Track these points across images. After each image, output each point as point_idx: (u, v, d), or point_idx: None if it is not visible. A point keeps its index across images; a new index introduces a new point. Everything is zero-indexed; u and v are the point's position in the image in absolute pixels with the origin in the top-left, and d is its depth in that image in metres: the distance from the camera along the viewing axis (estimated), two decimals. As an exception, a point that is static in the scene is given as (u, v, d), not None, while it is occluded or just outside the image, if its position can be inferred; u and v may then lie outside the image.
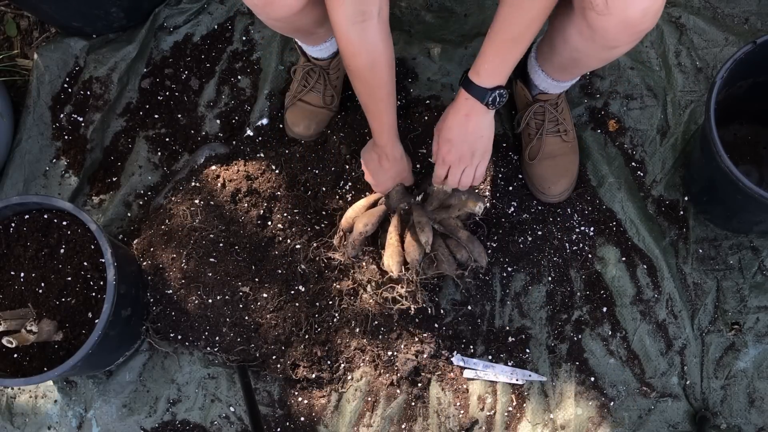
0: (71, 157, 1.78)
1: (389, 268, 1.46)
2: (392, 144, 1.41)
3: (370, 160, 1.46)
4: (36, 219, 1.53)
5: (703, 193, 1.61)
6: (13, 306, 1.49)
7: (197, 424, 1.62)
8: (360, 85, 1.27)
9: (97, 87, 1.81)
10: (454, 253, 1.50)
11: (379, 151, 1.43)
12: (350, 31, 1.15)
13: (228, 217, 1.65)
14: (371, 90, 1.26)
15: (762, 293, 1.60)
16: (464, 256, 1.49)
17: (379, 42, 1.20)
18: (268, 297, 1.61)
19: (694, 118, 1.70)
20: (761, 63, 1.42)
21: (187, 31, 1.86)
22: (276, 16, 1.25)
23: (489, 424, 1.58)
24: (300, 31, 1.43)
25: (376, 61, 1.21)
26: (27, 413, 1.65)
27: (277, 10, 1.23)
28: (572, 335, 1.60)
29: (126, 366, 1.65)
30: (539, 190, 1.64)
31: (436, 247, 1.48)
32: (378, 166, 1.46)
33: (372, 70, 1.22)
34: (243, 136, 1.75)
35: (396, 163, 1.45)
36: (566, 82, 1.53)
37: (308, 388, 1.61)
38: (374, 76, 1.23)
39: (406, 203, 1.52)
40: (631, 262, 1.63)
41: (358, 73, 1.24)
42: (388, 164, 1.45)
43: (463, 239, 1.50)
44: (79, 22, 1.81)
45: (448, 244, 1.50)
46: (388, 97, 1.30)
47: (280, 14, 1.24)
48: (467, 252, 1.49)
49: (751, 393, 1.56)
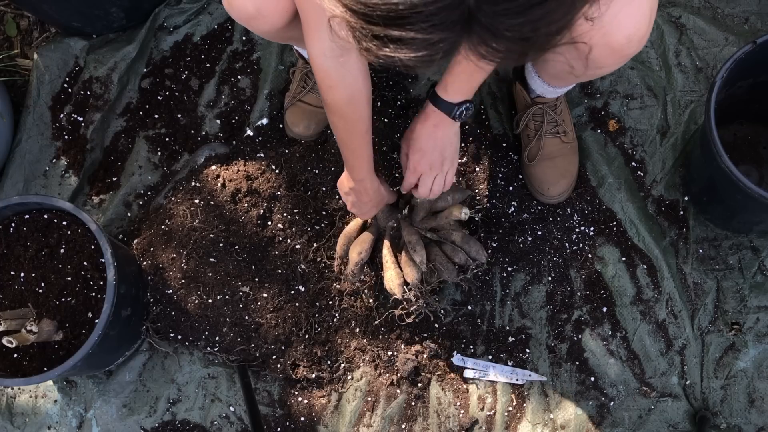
0: (71, 157, 1.78)
1: (392, 291, 1.48)
2: (370, 178, 1.36)
3: (349, 194, 1.41)
4: (36, 219, 1.53)
5: (703, 193, 1.61)
6: (13, 306, 1.49)
7: (197, 424, 1.62)
8: (338, 120, 1.22)
9: (97, 87, 1.81)
10: (451, 257, 1.49)
11: (358, 186, 1.37)
12: (327, 63, 1.11)
13: (228, 217, 1.65)
14: (350, 125, 1.22)
15: (762, 293, 1.60)
16: (462, 258, 1.49)
17: (358, 75, 1.16)
18: (268, 297, 1.61)
19: (694, 118, 1.70)
20: (761, 63, 1.42)
21: (187, 31, 1.86)
22: (262, 30, 1.24)
23: (489, 424, 1.58)
24: (293, 40, 1.42)
25: (354, 95, 1.18)
26: (27, 413, 1.65)
27: (261, 26, 1.21)
28: (572, 335, 1.60)
29: (126, 366, 1.65)
30: (538, 191, 1.64)
31: (433, 257, 1.48)
32: (357, 201, 1.41)
33: (351, 104, 1.18)
34: (243, 136, 1.75)
35: (375, 194, 1.41)
36: (562, 89, 1.54)
37: (308, 388, 1.61)
38: (353, 110, 1.20)
39: (393, 220, 1.52)
40: (631, 262, 1.63)
41: (336, 107, 1.19)
42: (367, 197, 1.40)
43: (458, 241, 1.50)
44: (79, 22, 1.81)
45: (445, 250, 1.50)
46: (367, 131, 1.26)
47: (266, 29, 1.22)
48: (464, 253, 1.49)
49: (751, 393, 1.56)
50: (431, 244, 1.51)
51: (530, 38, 0.59)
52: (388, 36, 0.56)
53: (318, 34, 1.08)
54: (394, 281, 1.47)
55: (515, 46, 0.59)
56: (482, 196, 1.66)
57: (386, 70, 1.73)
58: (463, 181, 1.66)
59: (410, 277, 1.45)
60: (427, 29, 0.55)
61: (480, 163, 1.67)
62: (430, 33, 0.56)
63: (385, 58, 0.59)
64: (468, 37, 0.58)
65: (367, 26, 0.57)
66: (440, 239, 1.51)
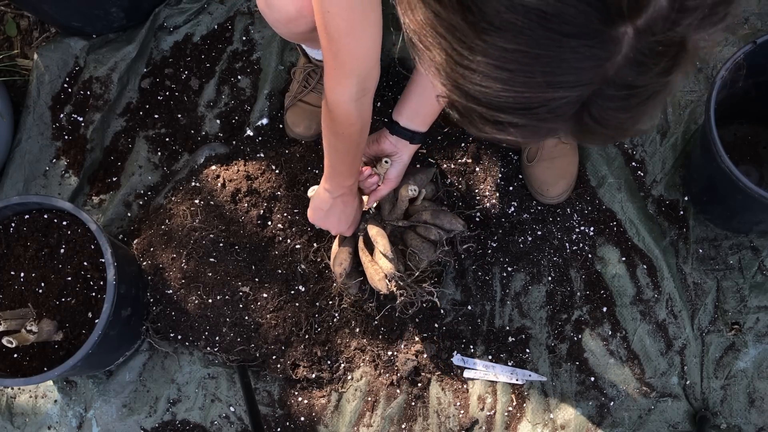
0: (71, 157, 1.78)
1: (377, 288, 1.46)
2: (355, 182, 1.40)
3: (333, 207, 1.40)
4: (36, 219, 1.53)
5: (703, 193, 1.61)
6: (13, 306, 1.49)
7: (197, 424, 1.62)
8: (343, 143, 1.27)
9: (97, 87, 1.81)
10: (426, 237, 1.48)
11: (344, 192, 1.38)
12: (351, 106, 1.16)
13: (228, 217, 1.65)
14: (354, 146, 1.28)
15: (762, 293, 1.60)
16: (436, 234, 1.47)
17: (370, 110, 1.23)
18: (268, 297, 1.61)
19: (694, 118, 1.69)
20: (761, 63, 1.42)
21: (187, 31, 1.86)
22: (297, 31, 1.27)
23: (489, 424, 1.58)
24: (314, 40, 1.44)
25: (365, 125, 1.24)
26: (27, 413, 1.65)
27: (300, 26, 1.24)
28: (572, 335, 1.60)
29: (126, 366, 1.65)
30: (538, 192, 1.64)
31: (409, 242, 1.48)
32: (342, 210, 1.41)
33: (361, 133, 1.25)
34: (243, 136, 1.75)
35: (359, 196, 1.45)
36: None
37: (308, 388, 1.61)
38: (362, 136, 1.26)
39: (362, 223, 1.51)
40: (631, 262, 1.63)
41: (348, 136, 1.24)
42: (352, 200, 1.41)
43: (429, 219, 1.49)
44: (79, 22, 1.81)
45: (419, 231, 1.49)
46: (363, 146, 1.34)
47: (302, 30, 1.25)
48: (437, 228, 1.47)
49: (751, 393, 1.56)
50: (407, 230, 1.50)
51: (626, 130, 0.64)
52: (511, 123, 0.59)
53: (349, 80, 1.12)
54: (374, 278, 1.45)
55: (612, 133, 0.64)
56: (482, 196, 1.66)
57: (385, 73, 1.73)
58: (464, 181, 1.66)
59: (385, 269, 1.43)
60: (546, 118, 0.58)
61: (480, 163, 1.68)
62: (547, 122, 0.59)
63: (494, 135, 0.62)
64: (574, 123, 0.61)
65: (492, 113, 0.59)
66: (413, 223, 1.50)
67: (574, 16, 0.52)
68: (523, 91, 0.56)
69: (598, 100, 0.58)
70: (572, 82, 0.56)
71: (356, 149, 1.29)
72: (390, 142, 1.40)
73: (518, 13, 0.52)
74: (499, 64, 0.55)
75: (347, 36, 1.03)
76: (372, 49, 1.08)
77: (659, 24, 0.53)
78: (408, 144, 1.41)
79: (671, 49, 0.56)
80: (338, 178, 1.35)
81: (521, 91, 0.56)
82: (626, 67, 0.56)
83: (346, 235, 1.50)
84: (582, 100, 0.58)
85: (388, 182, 1.43)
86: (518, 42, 0.53)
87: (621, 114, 0.61)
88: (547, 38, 0.53)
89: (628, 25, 0.53)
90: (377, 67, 1.14)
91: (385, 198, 1.50)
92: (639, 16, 0.52)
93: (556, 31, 0.52)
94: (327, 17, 1.01)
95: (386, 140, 1.41)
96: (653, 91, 0.60)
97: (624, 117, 0.61)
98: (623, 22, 0.53)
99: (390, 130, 1.40)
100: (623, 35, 0.53)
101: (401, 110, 1.38)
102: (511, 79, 0.56)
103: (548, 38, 0.53)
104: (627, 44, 0.54)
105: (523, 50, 0.54)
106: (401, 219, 1.51)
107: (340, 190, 1.36)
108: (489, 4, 0.53)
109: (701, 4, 0.53)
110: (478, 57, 0.56)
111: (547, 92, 0.56)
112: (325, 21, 1.01)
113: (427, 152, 1.67)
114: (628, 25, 0.53)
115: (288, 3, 1.21)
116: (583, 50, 0.54)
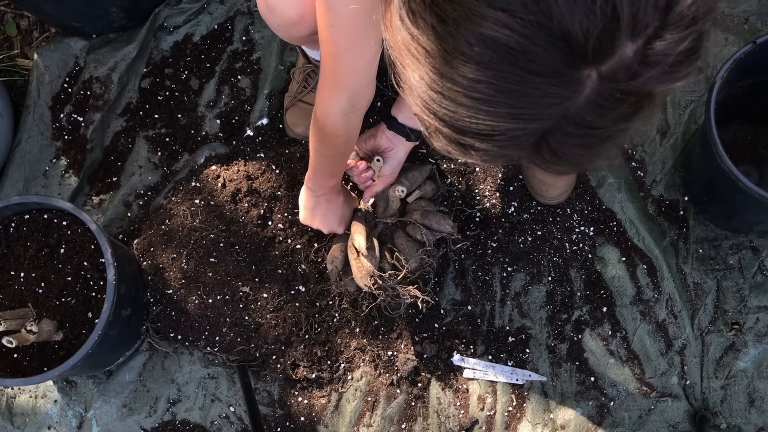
0: (71, 157, 1.78)
1: (364, 286, 1.44)
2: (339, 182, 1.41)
3: (317, 205, 1.42)
4: (36, 219, 1.53)
5: (703, 193, 1.61)
6: (13, 306, 1.49)
7: (197, 424, 1.62)
8: (329, 150, 1.29)
9: (97, 87, 1.81)
10: (413, 236, 1.47)
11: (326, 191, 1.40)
12: (339, 120, 1.18)
13: (228, 217, 1.65)
14: (339, 155, 1.30)
15: (762, 293, 1.60)
16: (422, 235, 1.46)
17: (359, 126, 1.24)
18: (268, 297, 1.61)
19: (694, 118, 1.69)
20: (761, 63, 1.42)
21: (187, 31, 1.86)
22: (297, 35, 1.29)
23: (489, 424, 1.58)
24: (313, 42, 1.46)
25: (351, 138, 1.26)
26: (27, 413, 1.65)
27: (301, 31, 1.25)
28: (572, 335, 1.60)
29: (126, 366, 1.65)
30: (537, 193, 1.64)
31: (396, 240, 1.47)
32: (326, 207, 1.43)
33: (346, 144, 1.26)
34: (243, 136, 1.75)
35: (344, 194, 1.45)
36: None
37: (308, 388, 1.61)
38: (347, 147, 1.28)
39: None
40: (631, 262, 1.63)
41: (333, 145, 1.26)
42: (336, 197, 1.42)
43: (418, 219, 1.48)
44: (79, 22, 1.81)
45: (408, 231, 1.48)
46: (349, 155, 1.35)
47: (304, 34, 1.26)
48: (424, 229, 1.46)
49: (751, 393, 1.56)
50: (397, 229, 1.50)
51: (582, 165, 0.68)
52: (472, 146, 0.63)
53: (341, 95, 1.13)
54: (357, 275, 1.44)
55: (566, 167, 0.67)
56: (482, 196, 1.67)
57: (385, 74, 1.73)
58: (463, 181, 1.66)
59: (366, 266, 1.42)
60: (505, 146, 0.61)
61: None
62: (506, 149, 0.62)
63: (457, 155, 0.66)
64: (532, 152, 0.64)
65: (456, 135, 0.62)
66: (401, 220, 1.50)
67: (541, 56, 0.53)
68: (485, 119, 0.59)
69: (556, 134, 0.61)
70: (533, 115, 0.58)
71: (341, 157, 1.31)
72: (386, 137, 1.41)
73: (488, 48, 0.54)
74: (467, 93, 0.58)
75: (347, 51, 1.05)
76: (368, 67, 1.10)
77: (622, 72, 0.55)
78: (404, 141, 1.41)
79: (631, 98, 0.58)
80: (321, 180, 1.37)
81: (484, 119, 0.59)
82: (587, 107, 0.58)
83: (338, 232, 1.50)
84: (541, 132, 0.61)
85: (382, 178, 1.44)
86: (486, 74, 0.56)
87: (577, 150, 0.63)
88: (513, 74, 0.55)
89: (592, 69, 0.55)
90: (371, 86, 1.15)
91: (380, 196, 1.50)
92: (603, 62, 0.54)
93: (523, 68, 0.54)
94: (330, 31, 1.02)
95: (383, 135, 1.41)
96: (611, 134, 0.62)
97: (580, 153, 0.64)
98: (587, 66, 0.54)
99: (388, 125, 1.41)
100: (587, 78, 0.55)
101: (401, 107, 1.39)
102: (476, 107, 0.58)
103: (514, 74, 0.55)
104: (590, 87, 0.56)
105: (490, 82, 0.56)
106: (391, 216, 1.51)
107: (322, 190, 1.39)
108: (463, 35, 0.55)
109: (664, 61, 0.56)
110: (447, 83, 0.58)
111: (508, 122, 0.58)
112: (328, 35, 1.03)
113: (426, 152, 1.67)
114: (592, 69, 0.55)
115: (289, 8, 1.21)
116: (546, 88, 0.56)
